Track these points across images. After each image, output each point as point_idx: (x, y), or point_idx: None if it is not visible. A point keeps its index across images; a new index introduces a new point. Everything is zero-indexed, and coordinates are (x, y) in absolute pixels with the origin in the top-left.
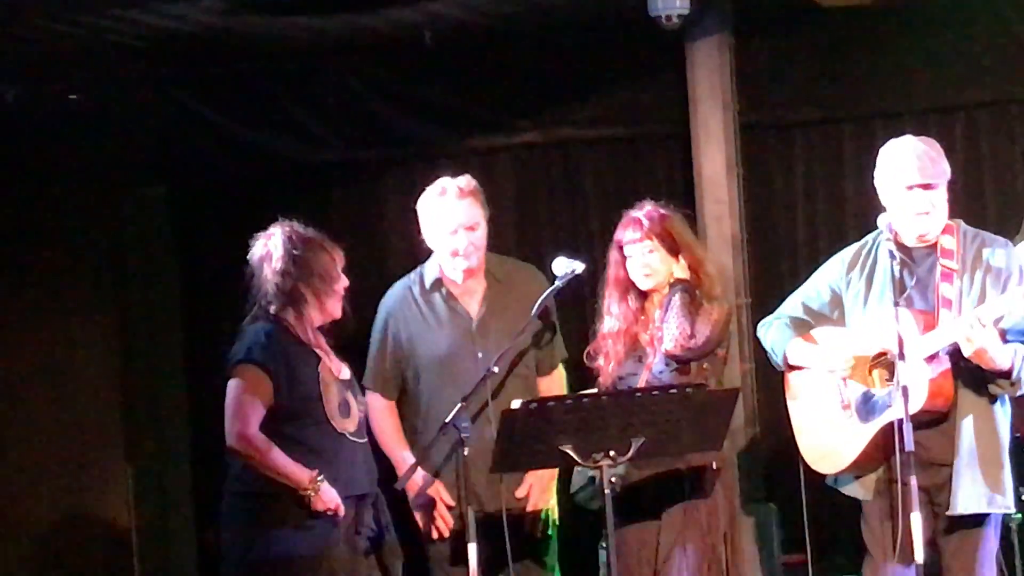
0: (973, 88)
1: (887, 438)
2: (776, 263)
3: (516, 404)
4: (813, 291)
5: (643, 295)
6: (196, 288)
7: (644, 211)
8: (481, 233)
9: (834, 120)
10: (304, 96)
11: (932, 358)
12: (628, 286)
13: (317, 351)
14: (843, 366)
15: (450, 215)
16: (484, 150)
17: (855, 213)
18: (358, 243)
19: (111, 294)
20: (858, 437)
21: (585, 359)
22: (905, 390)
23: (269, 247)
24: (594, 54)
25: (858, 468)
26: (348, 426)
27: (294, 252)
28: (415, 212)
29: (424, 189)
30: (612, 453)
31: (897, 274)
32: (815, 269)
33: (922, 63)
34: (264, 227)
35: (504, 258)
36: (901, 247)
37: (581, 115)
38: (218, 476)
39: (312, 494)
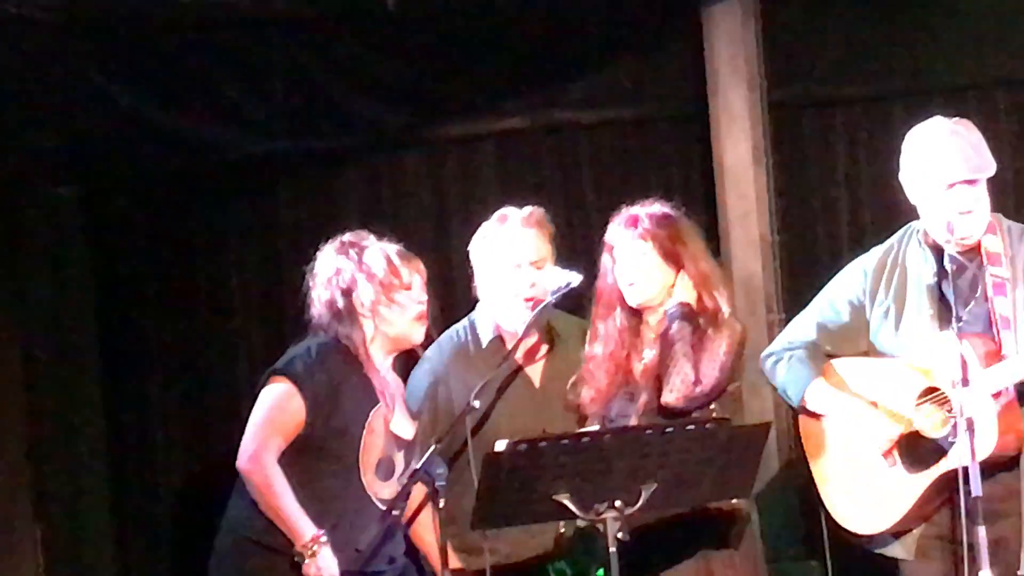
0: None
1: (941, 488)
2: (814, 270)
3: (501, 445)
4: (829, 309)
5: (636, 313)
6: (115, 309)
7: (646, 209)
8: (548, 273)
9: (883, 97)
10: (244, 76)
11: (998, 393)
12: (617, 300)
13: (377, 388)
14: (886, 435)
15: (511, 246)
16: (462, 138)
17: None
18: (310, 248)
19: (9, 318)
20: (906, 490)
21: (568, 392)
22: (971, 423)
23: (318, 262)
24: (593, 22)
25: (901, 525)
26: (382, 491)
27: (345, 259)
28: (378, 211)
29: (389, 183)
30: (618, 503)
31: (935, 286)
32: None
33: (990, 27)
34: (198, 231)
35: (562, 313)
36: (936, 251)
37: (577, 95)
38: (207, 508)
39: (306, 556)
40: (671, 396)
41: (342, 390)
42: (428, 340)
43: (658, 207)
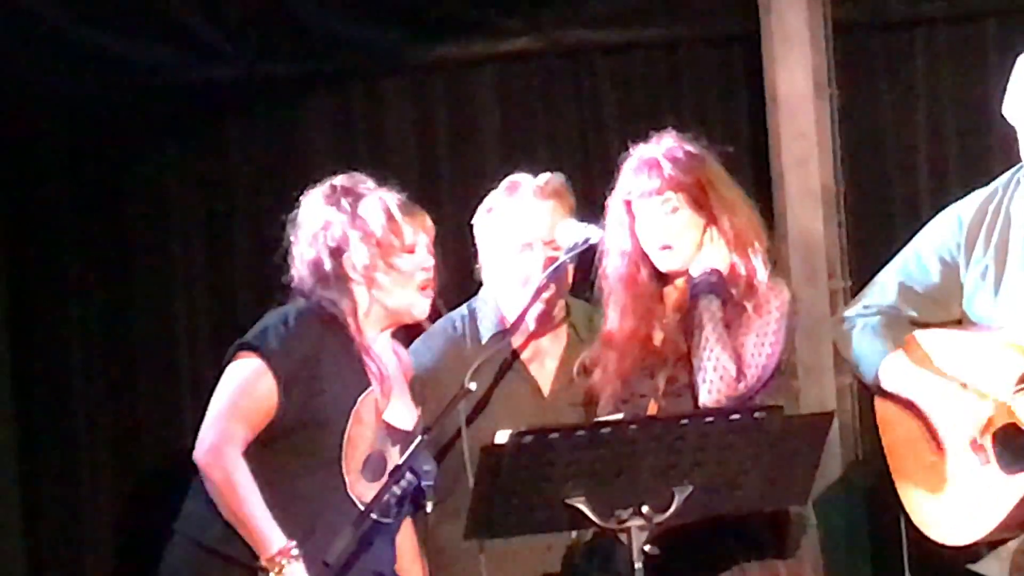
0: None
1: None
2: (887, 228)
3: (502, 437)
4: (916, 265)
5: (660, 277)
6: (25, 274)
7: (664, 148)
8: (562, 230)
9: (973, 14)
10: None
11: None
12: (639, 263)
13: (369, 368)
14: (978, 425)
15: (522, 222)
16: (456, 62)
17: (1009, 150)
18: (267, 193)
19: None
20: (1003, 493)
21: (576, 374)
22: None
23: (302, 211)
24: None
25: (997, 535)
26: (367, 493)
27: (335, 210)
28: (351, 152)
29: (365, 117)
30: (646, 509)
31: None
32: None
33: None
34: (130, 177)
35: (588, 306)
36: None
37: (596, 11)
38: (142, 514)
39: (272, 572)
40: (709, 398)
41: (324, 370)
42: (436, 314)
43: (676, 144)
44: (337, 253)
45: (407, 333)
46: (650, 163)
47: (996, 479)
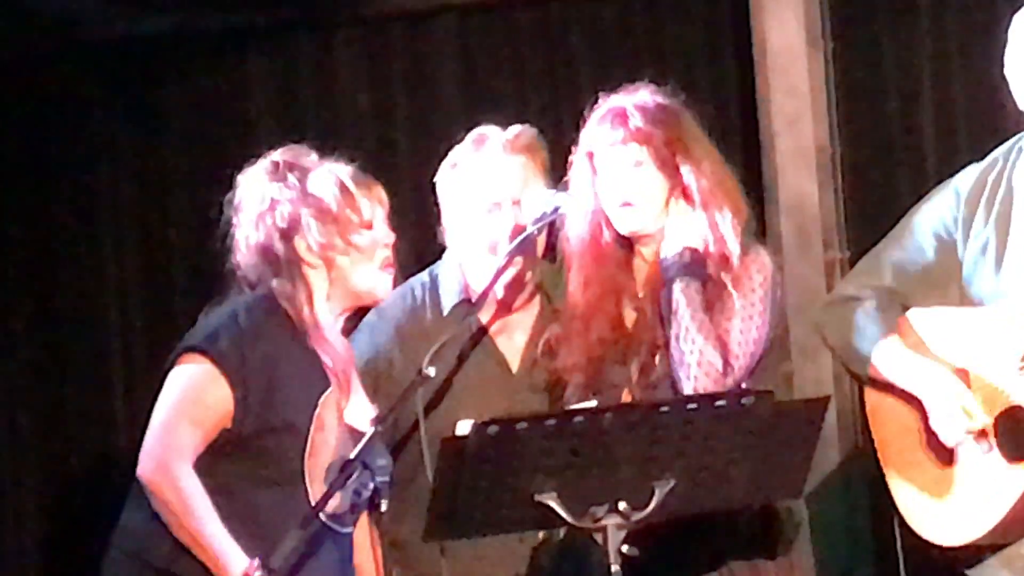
0: None
1: None
2: (888, 194)
3: (465, 427)
4: (911, 243)
5: (626, 244)
6: None
7: (635, 99)
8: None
9: None
10: None
11: None
12: (601, 224)
13: (327, 364)
14: (980, 412)
15: (490, 179)
16: (411, 12)
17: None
18: (207, 169)
19: None
20: (1006, 486)
21: (540, 355)
22: None
23: (242, 190)
24: None
25: (999, 535)
26: (332, 504)
27: (281, 186)
28: (297, 112)
29: (313, 73)
30: (623, 506)
31: None
32: None
33: None
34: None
35: (551, 267)
36: None
37: None
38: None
39: None
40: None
41: (281, 371)
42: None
43: (648, 95)
44: (288, 234)
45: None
46: (617, 112)
47: (999, 470)
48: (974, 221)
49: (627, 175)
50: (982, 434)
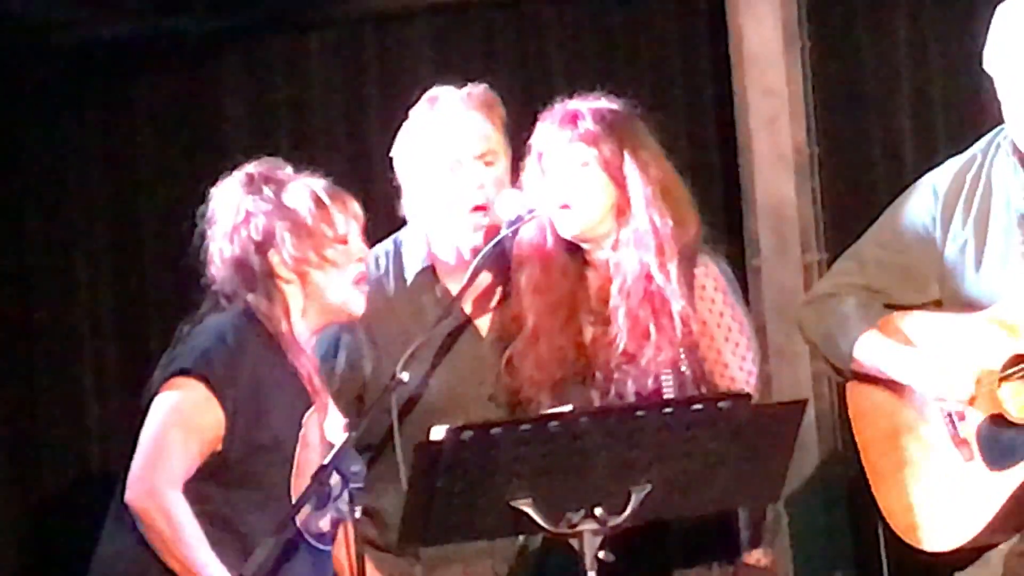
0: None
1: None
2: (866, 194)
3: (439, 433)
4: (889, 242)
5: (575, 249)
6: None
7: (589, 103)
8: (501, 173)
9: None
10: None
11: None
12: (546, 227)
13: (307, 383)
14: (963, 391)
15: (448, 137)
16: (386, 14)
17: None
18: (180, 176)
19: None
20: (988, 492)
21: (504, 370)
22: None
23: (216, 202)
24: None
25: (984, 539)
26: (316, 523)
27: (256, 198)
28: (271, 115)
29: (287, 75)
30: (599, 511)
31: None
32: None
33: None
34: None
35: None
36: None
37: None
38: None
39: None
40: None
41: (267, 389)
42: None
43: (604, 101)
44: (262, 247)
45: None
46: (568, 114)
47: (981, 477)
48: (952, 219)
49: (571, 175)
50: (963, 441)
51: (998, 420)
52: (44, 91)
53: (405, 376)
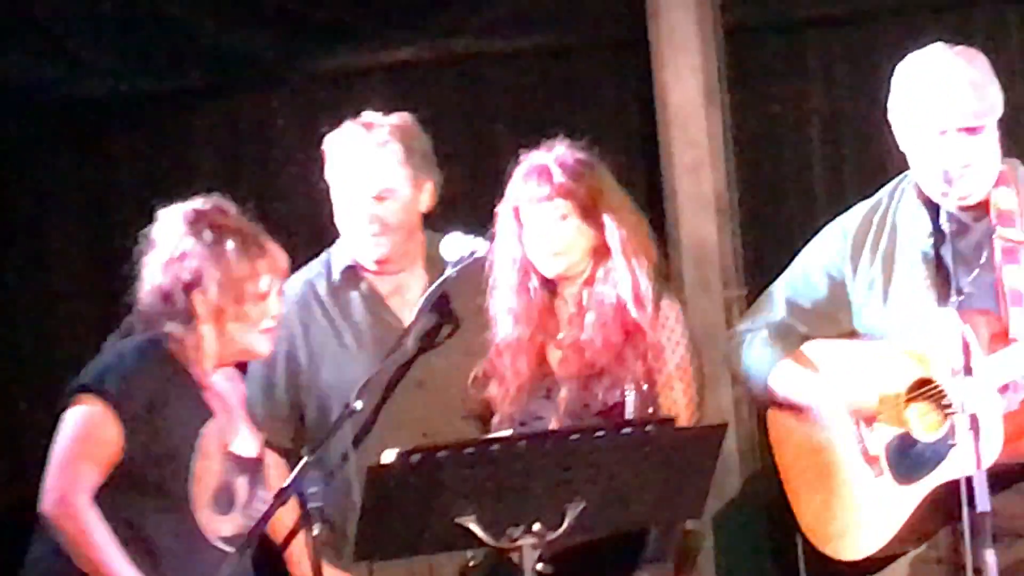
0: None
1: (940, 502)
2: (782, 235)
3: (389, 456)
4: (803, 280)
5: (550, 285)
6: None
7: (555, 155)
8: (399, 204)
9: (867, 16)
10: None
11: (1007, 386)
12: (528, 270)
13: (209, 401)
14: (870, 437)
15: (350, 169)
16: (345, 72)
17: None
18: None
19: None
20: (897, 505)
21: (471, 386)
22: (975, 422)
23: (161, 231)
24: None
25: (892, 549)
26: (220, 527)
27: (195, 241)
28: (240, 165)
29: (252, 128)
30: (537, 527)
31: (931, 252)
32: None
33: None
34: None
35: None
36: (934, 208)
37: (485, 19)
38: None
39: None
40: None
41: (166, 407)
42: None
43: (567, 152)
44: (190, 287)
45: None
46: (540, 170)
47: (890, 491)
48: (861, 259)
49: (554, 228)
50: (873, 459)
51: (905, 438)
52: (29, 144)
53: (358, 405)
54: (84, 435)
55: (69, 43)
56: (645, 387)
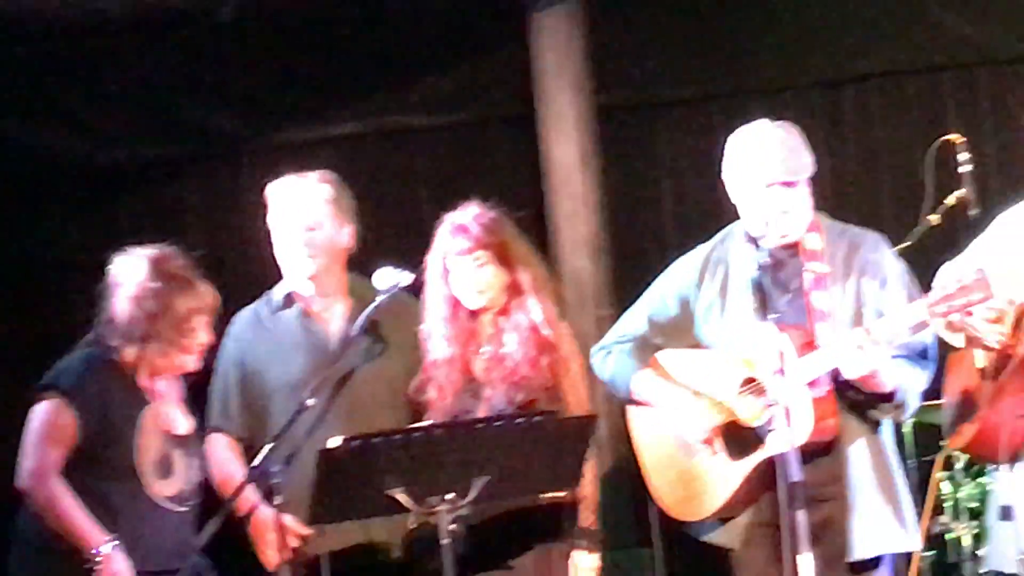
0: (863, 59)
1: (763, 475)
2: (642, 266)
3: (335, 442)
4: (659, 302)
5: (472, 313)
6: None
7: (471, 216)
8: (325, 235)
9: (704, 99)
10: (78, 82)
11: (813, 381)
12: (456, 304)
13: (146, 392)
14: (708, 424)
15: (286, 207)
16: (298, 144)
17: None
18: None
19: None
20: (728, 477)
21: (411, 393)
22: (788, 411)
23: (125, 271)
24: (424, 27)
25: (725, 512)
26: (164, 489)
27: (151, 286)
28: (218, 219)
29: (228, 192)
30: (450, 496)
31: (756, 280)
32: None
33: (806, 32)
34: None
35: (365, 280)
36: (758, 247)
37: (411, 100)
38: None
39: (97, 563)
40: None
41: (111, 398)
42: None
43: (481, 211)
44: (152, 320)
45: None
46: (461, 227)
47: (724, 466)
48: (703, 285)
49: (476, 274)
50: (709, 441)
51: (735, 424)
52: (27, 214)
53: (311, 402)
54: (46, 423)
55: (73, 110)
56: (551, 386)
